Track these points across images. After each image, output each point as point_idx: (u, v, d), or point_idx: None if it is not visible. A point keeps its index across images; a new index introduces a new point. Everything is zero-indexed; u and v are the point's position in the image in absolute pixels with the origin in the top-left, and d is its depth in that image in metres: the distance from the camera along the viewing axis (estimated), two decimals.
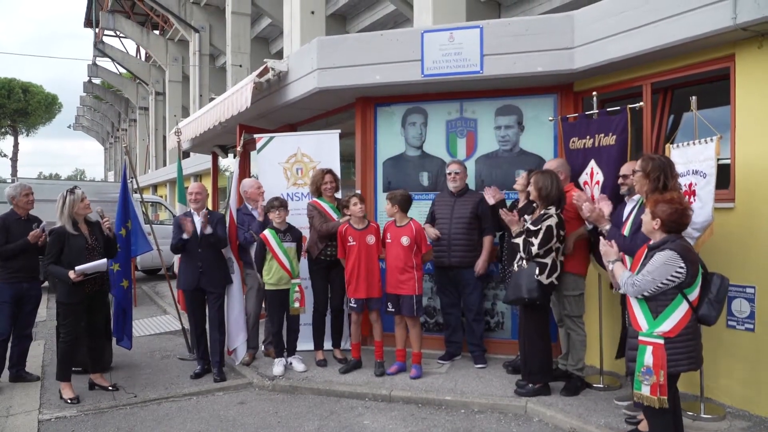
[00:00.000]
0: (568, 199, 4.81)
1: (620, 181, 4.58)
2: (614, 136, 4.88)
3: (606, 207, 4.50)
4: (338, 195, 6.08)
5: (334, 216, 5.81)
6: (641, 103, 4.85)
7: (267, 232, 5.59)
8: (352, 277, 5.46)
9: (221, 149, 10.68)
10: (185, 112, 27.16)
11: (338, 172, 6.18)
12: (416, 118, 6.42)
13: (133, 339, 6.18)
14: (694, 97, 4.37)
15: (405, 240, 5.31)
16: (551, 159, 5.51)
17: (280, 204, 5.62)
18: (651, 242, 3.51)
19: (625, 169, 4.57)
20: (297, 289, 5.57)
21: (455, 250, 5.60)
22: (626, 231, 4.17)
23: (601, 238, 3.98)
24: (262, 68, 6.80)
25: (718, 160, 4.14)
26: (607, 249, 3.73)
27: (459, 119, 6.27)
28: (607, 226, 4.32)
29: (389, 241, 5.39)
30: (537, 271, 4.60)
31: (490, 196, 5.54)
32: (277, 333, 5.72)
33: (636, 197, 4.33)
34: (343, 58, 6.09)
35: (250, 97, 6.48)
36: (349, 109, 6.91)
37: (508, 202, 5.59)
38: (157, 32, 30.51)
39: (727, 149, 4.60)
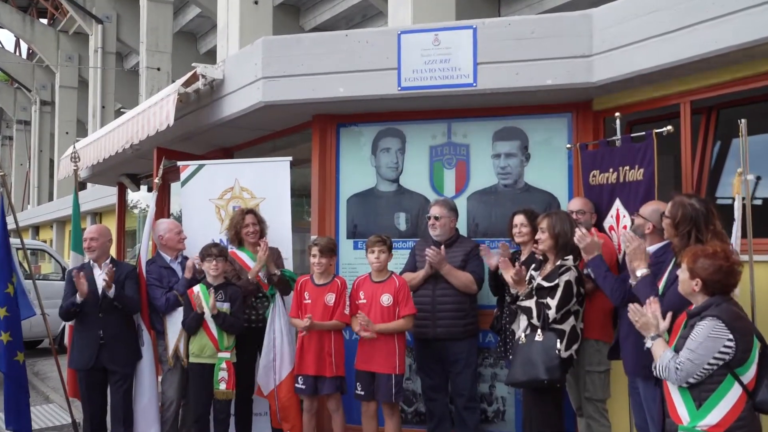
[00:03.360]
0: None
1: (637, 220, 4.65)
2: (641, 169, 5.04)
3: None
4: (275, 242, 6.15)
5: (252, 265, 5.93)
6: (669, 127, 5.01)
7: (197, 288, 5.67)
8: (301, 347, 5.54)
9: (131, 180, 10.68)
10: (82, 129, 27.04)
11: (286, 211, 6.31)
12: (391, 143, 6.52)
13: None
14: (743, 121, 4.49)
15: (386, 299, 5.38)
16: (579, 197, 5.64)
17: (219, 252, 5.70)
18: (691, 307, 3.64)
19: (645, 210, 4.61)
20: (224, 365, 5.60)
21: (441, 317, 5.65)
22: (661, 287, 4.24)
23: (631, 306, 3.94)
24: (189, 75, 6.85)
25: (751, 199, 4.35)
26: (645, 320, 3.76)
27: (446, 145, 6.38)
28: (642, 271, 4.24)
29: (363, 301, 5.47)
30: (558, 343, 4.67)
31: (492, 257, 5.50)
32: (199, 421, 5.68)
33: (659, 245, 4.46)
34: (296, 63, 6.16)
35: (173, 112, 6.49)
36: (303, 130, 6.98)
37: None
38: (45, 21, 30.59)
39: None
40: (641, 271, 4.22)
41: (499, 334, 5.66)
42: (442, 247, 5.59)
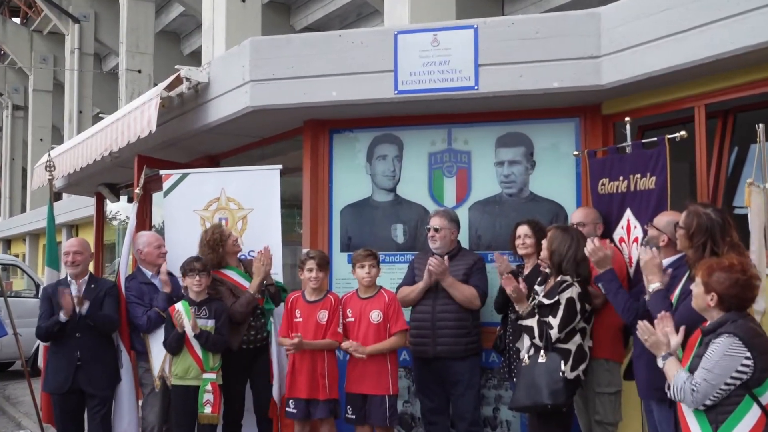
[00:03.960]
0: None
1: (651, 232, 4.67)
2: (653, 177, 5.07)
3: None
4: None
5: (245, 284, 5.93)
6: (682, 132, 5.06)
7: (179, 305, 5.67)
8: (293, 368, 5.53)
9: (110, 190, 10.70)
10: (57, 136, 27.06)
11: (276, 223, 6.32)
12: (387, 150, 6.56)
13: None
14: (761, 125, 4.56)
15: (375, 316, 5.40)
16: (582, 207, 5.70)
17: (202, 267, 5.70)
18: (706, 324, 3.64)
19: (660, 221, 4.64)
20: (209, 387, 5.59)
21: (442, 335, 5.63)
22: (674, 300, 4.23)
23: (640, 323, 3.94)
24: (172, 78, 6.87)
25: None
26: (654, 339, 3.78)
27: (446, 151, 6.42)
28: (655, 285, 4.27)
29: (351, 319, 5.50)
30: (563, 364, 4.68)
31: (509, 266, 5.55)
32: None
33: (674, 257, 4.48)
34: (287, 66, 6.18)
35: (155, 117, 6.49)
36: (294, 137, 7.02)
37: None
38: (17, 20, 30.64)
39: None
40: (654, 286, 4.25)
41: (502, 354, 5.67)
42: (446, 257, 5.61)
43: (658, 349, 3.78)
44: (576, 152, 5.95)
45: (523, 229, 5.50)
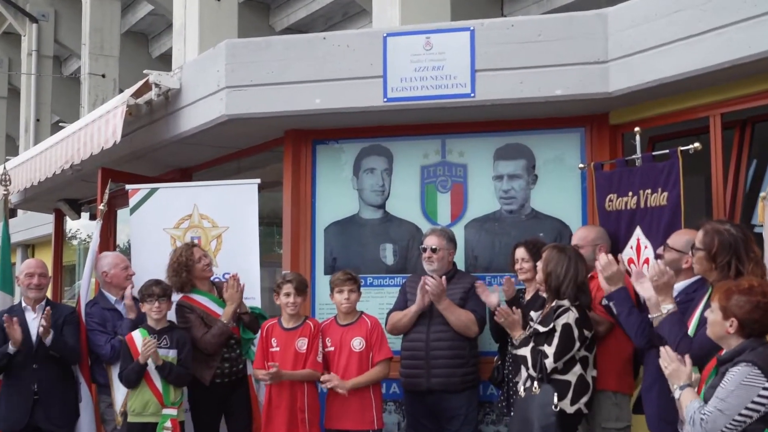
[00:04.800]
0: (596, 287, 4.91)
1: (668, 255, 4.62)
2: (665, 193, 5.09)
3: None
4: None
5: (219, 311, 5.87)
6: (696, 144, 5.05)
7: (136, 333, 5.62)
8: (269, 403, 5.49)
9: (70, 206, 10.67)
10: (12, 146, 26.96)
11: (254, 242, 6.34)
12: (376, 163, 6.60)
13: None
14: None
15: (357, 343, 5.41)
16: (583, 227, 5.72)
17: (162, 291, 5.67)
18: (722, 352, 3.62)
19: (678, 241, 4.61)
20: (169, 424, 5.52)
21: (437, 365, 5.62)
22: (691, 329, 4.28)
23: (663, 349, 3.93)
24: (140, 83, 6.87)
25: None
26: (674, 368, 3.75)
27: (440, 164, 6.46)
28: (669, 307, 4.25)
29: (331, 348, 5.49)
30: (555, 398, 4.63)
31: (490, 295, 5.56)
32: None
33: (690, 280, 4.48)
34: (266, 70, 6.21)
35: (121, 126, 6.48)
36: (273, 148, 7.06)
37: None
38: None
39: None
40: (667, 307, 4.23)
41: (500, 386, 5.65)
42: (444, 277, 5.60)
43: (677, 378, 3.76)
44: (581, 165, 5.96)
45: (520, 252, 5.50)
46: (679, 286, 4.47)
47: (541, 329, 4.78)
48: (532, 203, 6.26)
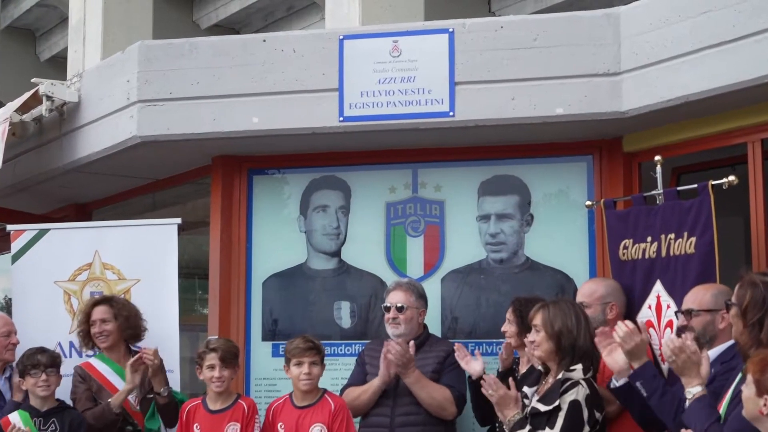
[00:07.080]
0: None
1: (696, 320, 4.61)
2: (692, 238, 5.07)
3: None
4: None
5: (117, 384, 5.87)
6: (731, 177, 5.03)
7: (14, 416, 5.57)
8: None
9: None
10: None
11: (172, 299, 6.38)
12: (329, 198, 6.63)
13: None
14: None
15: (317, 431, 5.38)
16: (590, 280, 5.74)
17: (51, 361, 5.65)
18: None
19: (704, 299, 4.62)
20: None
21: None
22: (722, 409, 4.31)
23: None
24: (26, 95, 6.89)
25: None
26: None
27: (411, 201, 6.51)
28: (695, 390, 4.20)
29: None
30: None
31: (472, 362, 5.57)
32: None
33: (727, 344, 4.46)
34: (189, 80, 6.24)
35: (2, 150, 6.56)
36: (198, 179, 7.12)
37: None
38: None
39: None
40: (695, 390, 4.17)
41: None
42: (412, 342, 5.55)
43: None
44: (589, 203, 5.96)
45: (508, 312, 5.50)
46: (714, 352, 4.42)
47: (542, 408, 4.67)
48: (527, 250, 6.29)
